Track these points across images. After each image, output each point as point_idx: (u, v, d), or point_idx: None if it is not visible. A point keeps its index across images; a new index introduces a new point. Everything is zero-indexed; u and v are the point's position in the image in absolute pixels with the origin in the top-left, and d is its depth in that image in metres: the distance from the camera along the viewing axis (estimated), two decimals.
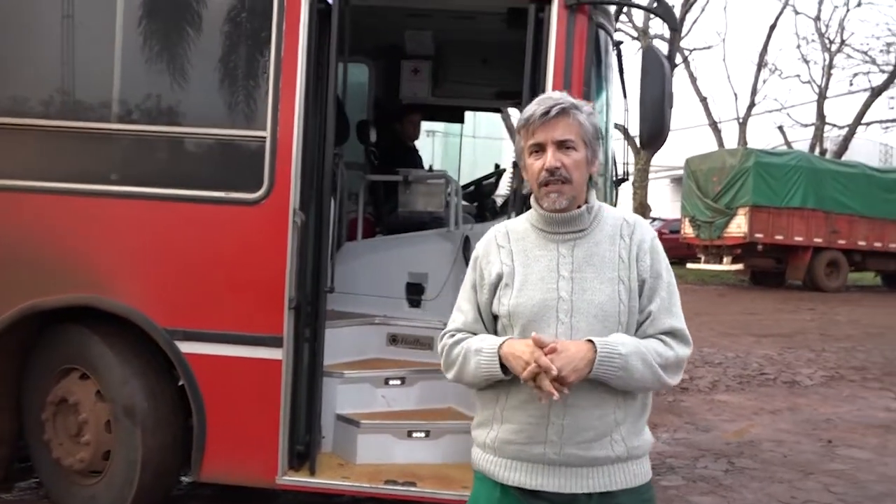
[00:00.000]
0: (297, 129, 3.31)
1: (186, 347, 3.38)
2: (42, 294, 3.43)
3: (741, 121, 29.19)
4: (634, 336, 1.87)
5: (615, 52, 3.86)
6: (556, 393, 1.73)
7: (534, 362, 1.74)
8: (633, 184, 24.26)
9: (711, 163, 18.76)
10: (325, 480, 3.47)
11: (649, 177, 27.82)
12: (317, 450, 3.56)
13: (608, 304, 1.84)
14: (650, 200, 29.28)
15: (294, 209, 3.32)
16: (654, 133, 3.08)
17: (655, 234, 1.98)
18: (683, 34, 26.31)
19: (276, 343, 3.35)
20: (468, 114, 6.37)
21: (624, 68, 4.03)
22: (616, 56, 3.95)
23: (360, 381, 3.89)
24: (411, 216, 4.67)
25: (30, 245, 3.46)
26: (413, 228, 4.63)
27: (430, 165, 5.35)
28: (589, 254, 1.88)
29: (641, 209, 24.80)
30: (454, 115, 6.14)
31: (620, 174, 4.23)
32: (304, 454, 3.50)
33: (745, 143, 28.02)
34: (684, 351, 1.89)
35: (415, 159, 5.24)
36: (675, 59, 3.16)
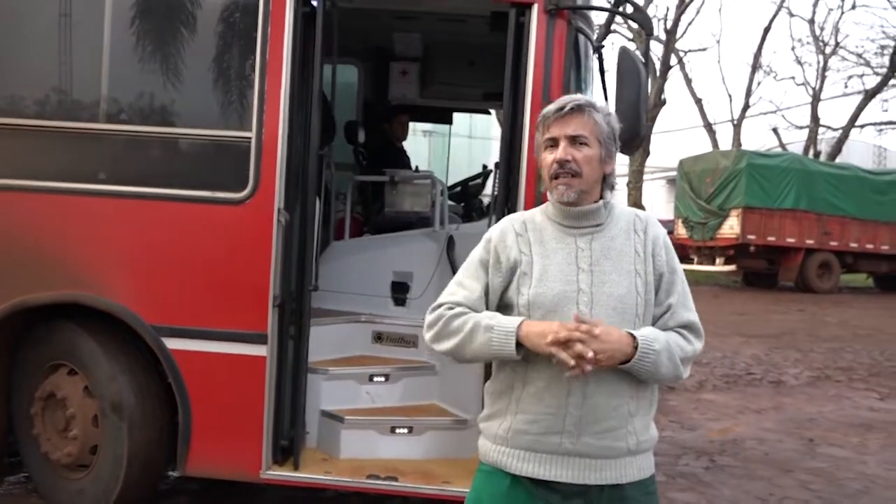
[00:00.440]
0: (282, 130, 3.37)
1: (173, 344, 3.43)
2: (30, 291, 3.49)
3: (736, 122, 29.31)
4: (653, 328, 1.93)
5: (597, 55, 3.93)
6: (586, 367, 1.75)
7: (565, 331, 1.76)
8: (627, 185, 24.36)
9: (704, 164, 18.86)
10: (308, 475, 3.52)
11: (645, 178, 27.96)
12: (301, 445, 3.62)
13: (627, 296, 1.89)
14: (646, 201, 29.38)
15: (279, 209, 3.38)
16: (630, 135, 3.13)
17: (666, 231, 2.04)
18: (678, 36, 26.42)
19: (260, 340, 3.40)
20: (464, 115, 6.44)
21: (605, 71, 4.09)
22: (598, 60, 4.02)
23: (345, 377, 3.95)
24: (398, 216, 4.73)
25: (18, 243, 3.51)
26: (400, 228, 4.69)
27: (416, 166, 5.41)
28: (606, 247, 1.93)
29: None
30: (442, 117, 6.20)
31: None
32: (288, 449, 3.56)
33: (740, 144, 28.13)
34: (699, 344, 1.96)
35: (403, 160, 5.30)
36: (650, 61, 3.21)
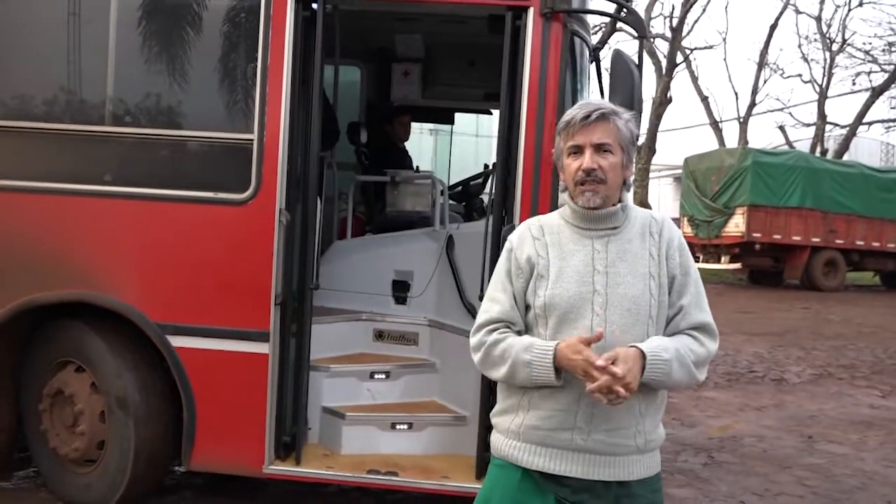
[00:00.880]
0: (283, 133, 3.45)
1: (177, 341, 3.52)
2: (39, 290, 3.57)
3: (742, 120, 29.25)
4: (665, 329, 1.99)
5: (593, 57, 3.98)
6: (623, 395, 1.81)
7: (603, 373, 1.81)
8: (633, 182, 24.38)
9: (710, 162, 18.84)
10: (310, 470, 3.59)
11: (652, 176, 27.92)
12: (303, 440, 3.69)
13: (640, 297, 1.95)
14: (653, 200, 29.36)
15: (280, 209, 3.46)
16: None
17: (681, 233, 2.09)
18: (684, 34, 26.39)
19: (262, 338, 3.48)
20: (471, 114, 6.48)
21: (602, 73, 4.14)
22: (595, 61, 4.07)
23: (347, 374, 4.02)
24: (399, 216, 4.79)
25: (26, 243, 3.59)
26: (402, 227, 4.75)
27: (417, 166, 5.47)
28: (622, 250, 1.98)
29: (641, 208, 24.87)
30: (444, 117, 6.26)
31: None
32: (290, 444, 3.63)
33: (746, 142, 28.08)
34: (713, 345, 2.01)
35: (404, 160, 5.36)
36: (642, 63, 3.26)
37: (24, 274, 3.59)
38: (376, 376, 4.05)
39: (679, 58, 26.32)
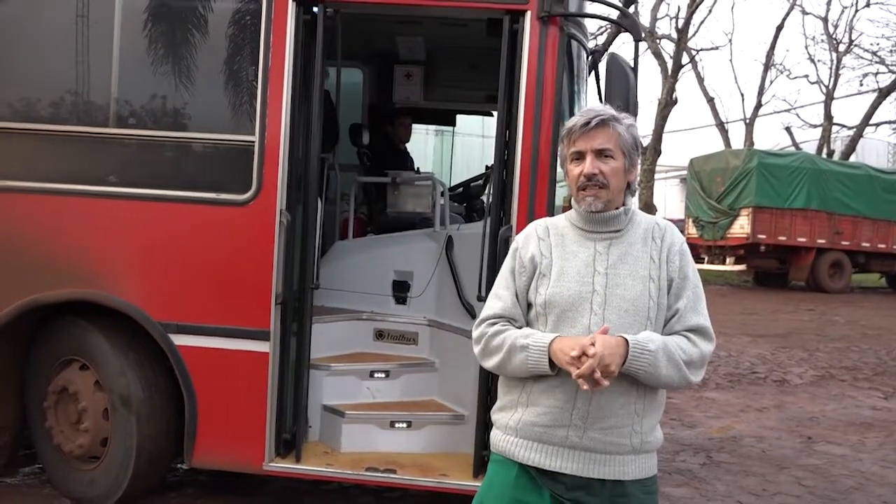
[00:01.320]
0: (284, 135, 3.50)
1: (179, 340, 3.57)
2: (43, 289, 3.63)
3: (748, 121, 29.20)
4: (662, 331, 2.02)
5: (591, 60, 4.02)
6: (604, 382, 1.87)
7: (579, 347, 1.88)
8: (638, 184, 24.34)
9: (715, 163, 18.83)
10: (310, 467, 3.64)
11: (658, 177, 27.89)
12: (303, 438, 3.74)
13: (639, 299, 1.99)
14: (659, 201, 29.33)
15: (281, 210, 3.51)
16: None
17: (684, 239, 2.14)
18: (690, 35, 26.35)
19: (263, 336, 3.53)
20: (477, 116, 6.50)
21: (600, 75, 4.17)
22: (594, 64, 4.11)
23: (347, 373, 4.06)
24: (400, 216, 4.84)
25: (32, 243, 3.66)
26: (404, 228, 4.80)
27: (417, 167, 5.52)
28: (623, 253, 2.03)
29: (647, 209, 24.88)
30: (445, 119, 6.30)
31: None
32: (290, 442, 3.68)
33: (752, 143, 28.02)
34: (707, 347, 2.04)
35: (405, 161, 5.40)
36: (638, 66, 3.30)
37: (29, 273, 3.64)
38: (376, 375, 4.09)
39: (685, 59, 26.28)
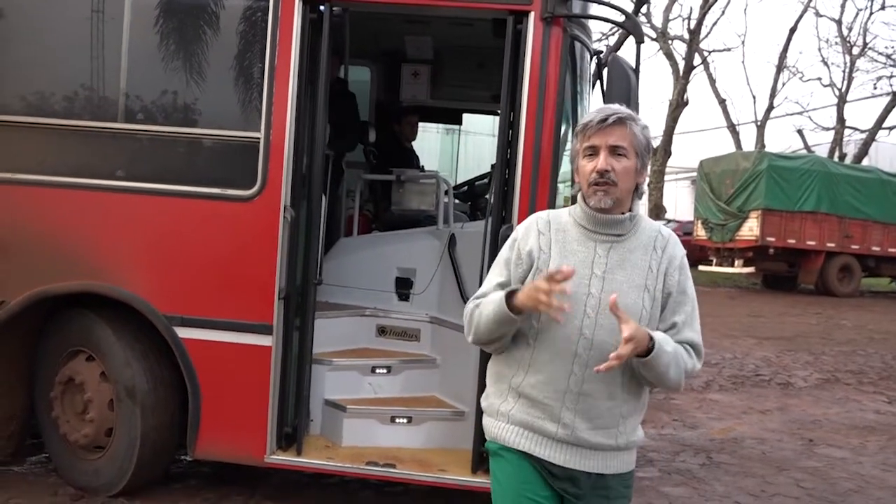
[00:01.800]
0: (289, 132, 3.54)
1: (184, 333, 3.63)
2: (51, 281, 3.69)
3: (759, 123, 29.07)
4: None
5: (595, 61, 4.04)
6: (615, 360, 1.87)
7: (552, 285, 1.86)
8: (647, 185, 24.28)
9: (725, 165, 18.74)
10: (310, 460, 3.69)
11: (668, 179, 27.83)
12: (304, 432, 3.79)
13: (632, 307, 1.99)
14: (669, 202, 29.27)
15: (285, 206, 3.56)
16: None
17: (685, 252, 2.14)
18: (702, 36, 26.28)
19: (266, 331, 3.58)
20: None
21: (603, 76, 4.20)
22: (597, 65, 4.14)
23: (349, 368, 4.11)
24: (405, 214, 4.89)
25: (41, 235, 3.72)
26: (408, 225, 4.84)
27: (422, 166, 5.56)
28: (622, 258, 2.03)
29: (656, 210, 24.80)
30: (452, 117, 6.34)
31: None
32: (291, 435, 3.73)
33: (764, 145, 27.91)
34: (698, 363, 2.08)
35: (411, 159, 5.45)
36: (639, 68, 3.32)
37: (38, 265, 3.71)
38: (378, 371, 4.14)
39: (697, 60, 26.23)
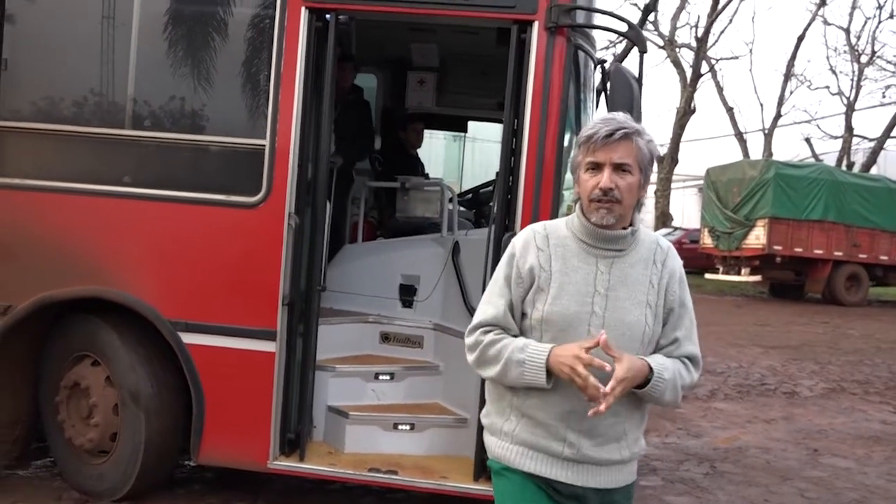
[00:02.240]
0: (294, 139, 3.57)
1: (188, 338, 3.65)
2: (57, 286, 3.72)
3: (767, 132, 29.04)
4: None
5: (600, 70, 4.06)
6: (602, 403, 1.85)
7: (585, 362, 1.84)
8: (654, 192, 24.29)
9: (732, 174, 18.71)
10: (313, 466, 3.71)
11: (675, 187, 27.80)
12: (307, 438, 3.80)
13: (635, 324, 1.98)
14: (676, 210, 29.23)
15: (289, 213, 3.58)
16: None
17: (682, 262, 2.13)
18: (710, 44, 26.30)
19: (270, 337, 3.60)
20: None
21: (607, 85, 4.21)
22: (602, 74, 4.15)
23: (352, 375, 4.12)
24: (409, 221, 4.91)
25: (47, 241, 3.75)
26: (412, 232, 4.86)
27: (427, 173, 5.58)
28: (624, 274, 2.00)
29: (663, 218, 24.80)
30: (457, 125, 6.37)
31: None
32: (294, 441, 3.75)
33: (771, 154, 27.86)
34: (697, 375, 2.09)
35: (416, 167, 5.47)
36: (642, 78, 3.34)
37: (44, 270, 3.74)
38: (381, 377, 4.15)
39: (704, 68, 26.25)
